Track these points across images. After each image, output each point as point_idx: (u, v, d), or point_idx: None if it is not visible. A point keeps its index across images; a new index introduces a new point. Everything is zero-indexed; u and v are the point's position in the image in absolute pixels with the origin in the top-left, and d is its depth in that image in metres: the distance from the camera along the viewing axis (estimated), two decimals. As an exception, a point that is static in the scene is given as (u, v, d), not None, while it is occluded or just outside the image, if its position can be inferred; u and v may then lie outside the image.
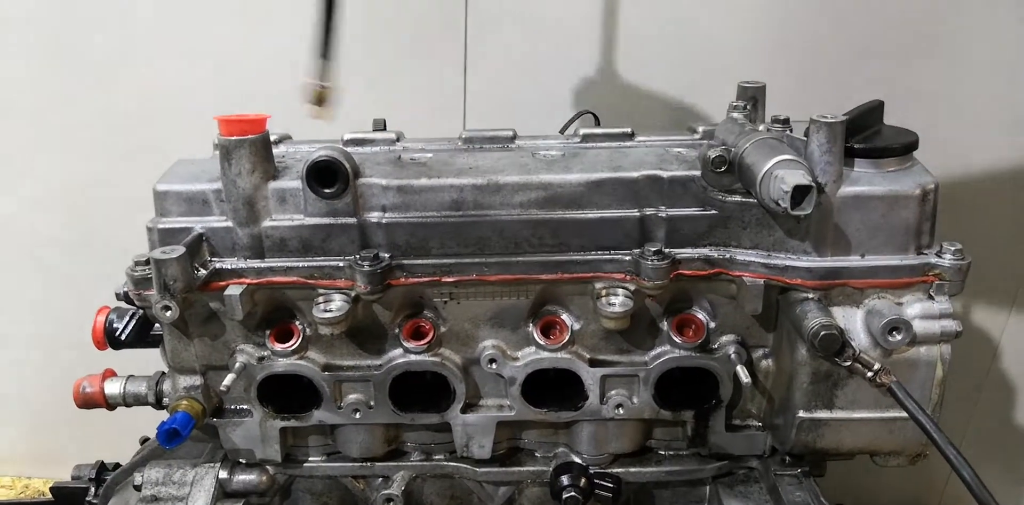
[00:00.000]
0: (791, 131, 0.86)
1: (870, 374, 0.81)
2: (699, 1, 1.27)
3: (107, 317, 0.95)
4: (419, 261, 0.86)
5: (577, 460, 0.94)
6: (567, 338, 0.89)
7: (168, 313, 0.82)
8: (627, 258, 0.85)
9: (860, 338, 0.83)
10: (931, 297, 0.83)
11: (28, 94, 1.40)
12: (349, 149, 0.95)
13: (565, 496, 0.91)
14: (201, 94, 1.30)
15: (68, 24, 1.34)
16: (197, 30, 1.32)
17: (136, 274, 0.84)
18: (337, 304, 0.85)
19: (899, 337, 0.81)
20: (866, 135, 0.86)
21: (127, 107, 1.38)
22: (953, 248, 0.83)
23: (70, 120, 1.40)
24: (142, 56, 1.34)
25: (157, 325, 0.93)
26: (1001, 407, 1.51)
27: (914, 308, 0.83)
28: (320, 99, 0.84)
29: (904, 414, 0.79)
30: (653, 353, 0.90)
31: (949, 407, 0.86)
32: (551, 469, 0.94)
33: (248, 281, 0.85)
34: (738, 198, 0.83)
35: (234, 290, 0.85)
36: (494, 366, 0.89)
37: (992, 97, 1.28)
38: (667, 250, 0.84)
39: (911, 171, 0.84)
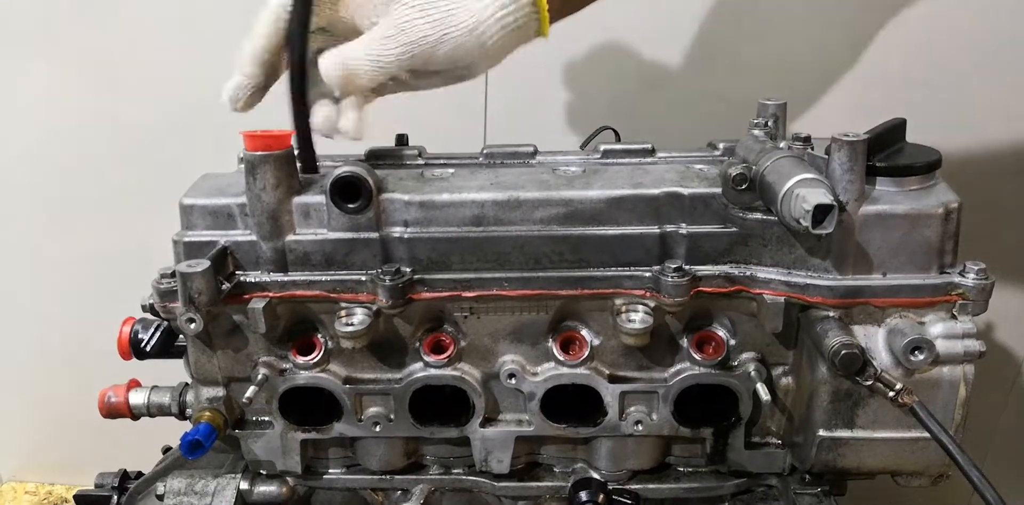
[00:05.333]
0: (812, 149, 0.86)
1: (892, 394, 0.80)
2: (720, 20, 1.27)
3: (132, 328, 0.96)
4: (440, 276, 0.86)
5: (595, 476, 0.95)
6: (586, 354, 0.89)
7: (193, 325, 0.83)
8: (647, 274, 0.85)
9: (882, 357, 0.83)
10: (954, 317, 0.83)
11: (57, 110, 1.42)
12: (371, 164, 0.96)
13: (583, 512, 0.91)
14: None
15: (96, 39, 1.36)
16: (224, 45, 1.33)
17: (162, 287, 0.85)
18: (359, 318, 0.86)
19: (921, 357, 0.80)
20: (888, 153, 0.85)
21: (154, 121, 1.40)
22: (976, 267, 0.82)
23: (100, 134, 1.42)
24: (169, 70, 1.36)
25: (181, 336, 0.94)
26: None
27: (936, 328, 0.82)
28: None
29: (926, 434, 0.79)
30: (673, 370, 0.90)
31: (971, 426, 0.86)
32: (569, 484, 0.94)
33: (271, 294, 0.86)
34: (759, 216, 0.83)
35: (257, 303, 0.85)
36: (513, 381, 0.89)
37: (1018, 115, 1.27)
38: (687, 267, 0.84)
39: (934, 190, 0.84)
